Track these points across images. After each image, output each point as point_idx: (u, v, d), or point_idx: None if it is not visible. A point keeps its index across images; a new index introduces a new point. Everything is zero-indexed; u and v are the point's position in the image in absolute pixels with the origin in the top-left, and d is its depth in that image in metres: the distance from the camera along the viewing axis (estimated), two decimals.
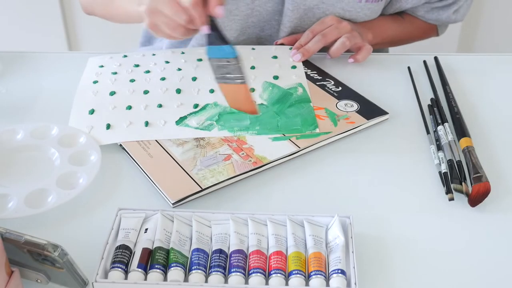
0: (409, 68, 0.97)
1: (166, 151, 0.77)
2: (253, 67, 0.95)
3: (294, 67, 0.95)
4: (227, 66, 0.80)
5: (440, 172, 0.75)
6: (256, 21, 1.03)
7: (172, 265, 0.60)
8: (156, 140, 0.79)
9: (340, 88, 0.90)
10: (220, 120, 0.82)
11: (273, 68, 0.95)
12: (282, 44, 1.02)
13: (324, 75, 0.94)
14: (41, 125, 0.81)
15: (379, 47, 1.10)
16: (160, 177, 0.73)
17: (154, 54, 0.99)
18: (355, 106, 0.86)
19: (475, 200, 0.70)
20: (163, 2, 0.78)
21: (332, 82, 0.92)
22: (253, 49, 1.01)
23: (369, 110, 0.85)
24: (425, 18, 1.09)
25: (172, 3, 0.77)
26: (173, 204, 0.70)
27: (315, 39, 0.96)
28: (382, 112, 0.85)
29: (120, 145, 0.79)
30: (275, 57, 0.98)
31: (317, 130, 0.80)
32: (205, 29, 0.78)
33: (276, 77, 0.92)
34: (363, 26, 1.03)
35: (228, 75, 0.81)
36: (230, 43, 0.79)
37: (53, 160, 0.76)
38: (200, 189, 0.71)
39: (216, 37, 0.79)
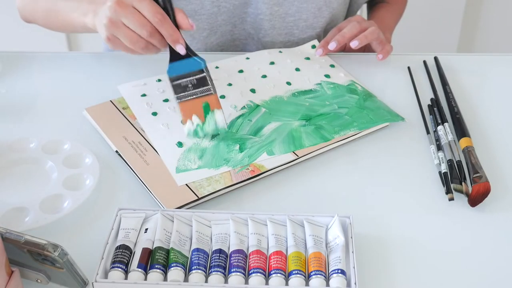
0: (409, 68, 0.97)
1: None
2: (297, 69, 0.93)
3: (332, 65, 0.95)
4: (192, 83, 0.77)
5: (440, 172, 0.75)
6: (226, 18, 1.01)
7: (172, 265, 0.60)
8: (152, 147, 0.78)
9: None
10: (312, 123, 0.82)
11: (315, 68, 0.94)
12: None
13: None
14: (22, 138, 0.79)
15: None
16: (156, 185, 0.72)
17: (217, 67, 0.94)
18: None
19: (475, 200, 0.70)
20: (125, 14, 0.76)
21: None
22: (280, 52, 0.98)
23: None
24: None
25: (138, 17, 0.75)
26: None
27: (336, 36, 0.97)
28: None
29: (117, 151, 0.78)
30: (307, 58, 0.97)
31: (406, 120, 0.83)
32: (181, 50, 0.76)
33: (327, 76, 0.92)
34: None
35: (192, 91, 0.78)
36: (196, 55, 0.77)
37: (49, 175, 0.75)
38: (197, 197, 0.70)
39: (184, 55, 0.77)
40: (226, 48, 1.06)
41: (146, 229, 0.64)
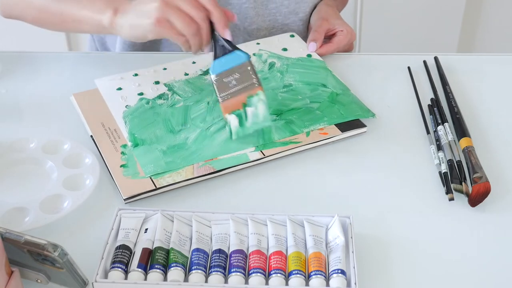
0: (409, 68, 0.97)
1: None
2: (272, 64, 0.93)
3: (309, 55, 0.95)
4: (236, 79, 0.76)
5: (440, 172, 0.75)
6: None
7: (172, 265, 0.60)
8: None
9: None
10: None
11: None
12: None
13: None
14: (22, 137, 0.79)
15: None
16: (119, 172, 0.73)
17: (165, 68, 0.93)
18: None
19: (475, 200, 0.70)
20: None
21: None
22: (258, 43, 0.98)
23: (347, 122, 0.82)
24: None
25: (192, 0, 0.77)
26: (124, 200, 0.70)
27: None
28: (360, 125, 0.82)
29: (91, 136, 0.80)
30: (285, 49, 0.96)
31: (376, 117, 0.82)
32: (228, 34, 0.78)
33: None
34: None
35: (236, 88, 0.77)
36: (238, 48, 0.77)
37: (49, 174, 0.75)
38: (154, 187, 0.71)
39: (223, 45, 0.78)
40: None
41: (146, 229, 0.64)
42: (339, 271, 0.59)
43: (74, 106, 0.86)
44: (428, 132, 0.82)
